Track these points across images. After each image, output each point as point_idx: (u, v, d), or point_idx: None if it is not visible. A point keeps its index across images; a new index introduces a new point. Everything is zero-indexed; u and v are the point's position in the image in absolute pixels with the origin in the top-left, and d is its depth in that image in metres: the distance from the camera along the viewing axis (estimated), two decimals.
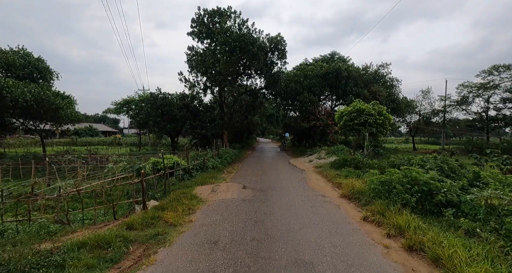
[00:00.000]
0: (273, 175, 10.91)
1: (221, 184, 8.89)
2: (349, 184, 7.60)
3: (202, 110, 17.03)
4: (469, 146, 30.79)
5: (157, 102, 16.07)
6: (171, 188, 8.12)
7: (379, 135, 11.04)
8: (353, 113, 11.30)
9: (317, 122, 19.12)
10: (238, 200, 6.80)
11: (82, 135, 57.72)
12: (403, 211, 4.87)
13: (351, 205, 6.36)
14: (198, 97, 17.10)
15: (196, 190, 7.88)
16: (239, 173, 11.62)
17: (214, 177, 10.16)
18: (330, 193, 7.69)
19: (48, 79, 21.23)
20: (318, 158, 15.54)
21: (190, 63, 20.65)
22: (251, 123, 34.16)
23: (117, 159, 15.12)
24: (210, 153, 13.67)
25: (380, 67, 21.79)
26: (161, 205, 6.20)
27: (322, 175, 10.78)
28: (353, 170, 10.08)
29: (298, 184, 9.01)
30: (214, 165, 12.25)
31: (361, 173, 9.84)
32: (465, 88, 32.49)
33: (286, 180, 9.64)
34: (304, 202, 6.54)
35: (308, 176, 10.62)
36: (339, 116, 12.14)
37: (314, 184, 8.96)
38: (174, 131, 17.36)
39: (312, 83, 20.85)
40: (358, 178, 8.84)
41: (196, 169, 10.78)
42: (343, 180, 8.58)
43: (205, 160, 11.49)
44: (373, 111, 10.83)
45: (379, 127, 10.93)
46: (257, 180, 9.73)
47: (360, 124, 11.00)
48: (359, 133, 11.35)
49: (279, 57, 18.63)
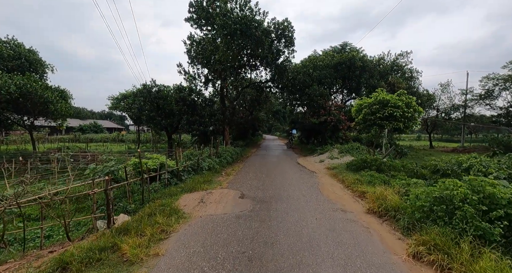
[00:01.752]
0: (279, 178, 9.21)
1: (214, 191, 7.26)
2: (377, 195, 5.83)
3: (201, 104, 15.43)
4: (494, 144, 28.27)
5: (151, 95, 14.57)
6: (152, 197, 6.55)
7: (406, 131, 9.17)
8: (375, 105, 9.43)
9: (328, 117, 17.23)
10: (231, 216, 5.14)
11: (86, 131, 57.56)
12: (481, 250, 3.10)
13: (385, 227, 4.61)
14: (196, 90, 15.49)
15: (181, 200, 6.27)
16: (239, 175, 9.97)
17: (208, 181, 8.55)
18: (351, 206, 5.94)
19: (40, 72, 20.04)
20: (330, 157, 13.73)
21: (190, 53, 19.02)
22: (256, 119, 32.46)
23: (107, 157, 13.79)
24: (207, 151, 12.07)
25: (399, 56, 19.63)
26: (127, 225, 4.62)
27: (338, 179, 9.01)
28: (377, 174, 8.27)
29: (309, 191, 7.29)
30: (211, 166, 10.64)
31: (386, 177, 8.03)
32: (490, 80, 29.69)
33: (294, 186, 7.93)
34: (319, 222, 4.83)
35: (320, 181, 8.87)
36: (357, 109, 10.27)
37: (329, 192, 7.22)
38: (171, 127, 15.86)
39: (323, 74, 18.90)
40: (385, 185, 7.04)
41: (187, 171, 9.19)
42: (366, 188, 6.80)
43: (199, 161, 9.89)
44: (400, 102, 8.93)
45: (407, 121, 9.04)
46: (258, 185, 8.06)
47: (383, 119, 9.13)
48: (382, 129, 9.50)
49: (286, 45, 16.75)
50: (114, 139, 42.46)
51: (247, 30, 12.30)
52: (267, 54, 14.46)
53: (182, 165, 8.99)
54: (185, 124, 14.76)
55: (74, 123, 62.84)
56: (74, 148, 19.41)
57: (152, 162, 8.11)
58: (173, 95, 14.88)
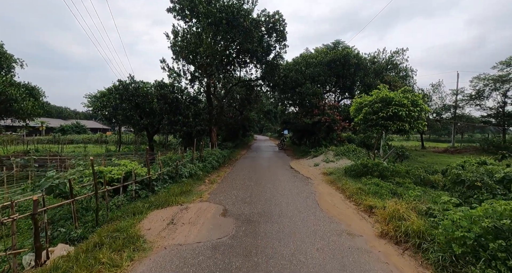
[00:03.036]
0: (269, 187, 8.01)
1: (191, 206, 5.98)
2: (389, 212, 4.73)
3: (185, 102, 14.05)
4: (485, 144, 28.20)
5: (128, 92, 13.08)
6: (111, 216, 5.20)
7: (411, 132, 8.20)
8: (377, 103, 8.40)
9: (322, 117, 16.22)
10: (206, 247, 3.89)
11: (68, 132, 54.60)
12: None
13: (409, 261, 3.48)
14: (180, 87, 14.09)
15: (145, 221, 4.96)
16: (224, 183, 8.71)
17: (186, 192, 7.25)
18: (359, 226, 4.81)
19: (5, 67, 18.03)
20: (325, 161, 12.67)
21: (174, 48, 17.61)
22: (247, 119, 31.19)
23: (76, 162, 12.22)
24: (188, 155, 10.74)
25: (394, 54, 18.90)
26: (61, 262, 3.30)
27: (337, 188, 7.91)
28: (382, 182, 7.22)
29: (305, 205, 6.13)
30: (192, 172, 9.33)
31: (393, 186, 6.99)
32: (481, 81, 29.67)
33: (287, 197, 6.75)
34: (322, 255, 3.65)
35: (317, 189, 7.74)
36: (356, 108, 9.22)
37: (329, 206, 6.08)
38: (152, 127, 14.41)
39: (316, 72, 17.88)
40: (395, 197, 5.97)
41: (163, 180, 7.84)
42: (373, 201, 5.70)
43: (178, 167, 8.56)
44: (405, 100, 7.93)
45: (413, 122, 8.05)
46: (245, 197, 6.83)
47: (387, 118, 8.11)
48: (386, 130, 8.49)
49: (277, 39, 15.61)
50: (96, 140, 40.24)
51: (234, 20, 11.06)
52: (257, 48, 13.27)
53: (156, 172, 7.64)
54: (166, 125, 13.35)
55: (55, 123, 59.63)
56: (44, 151, 17.54)
57: (117, 170, 6.74)
58: (154, 93, 13.46)
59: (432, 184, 7.88)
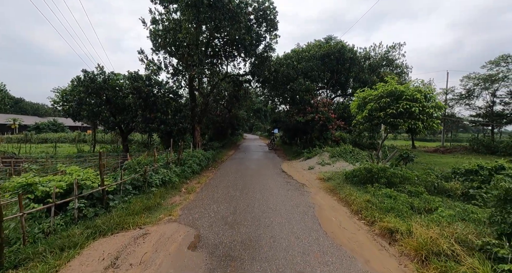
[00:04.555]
0: (258, 198, 6.59)
1: (152, 230, 4.45)
2: (422, 242, 3.43)
3: (162, 97, 12.36)
4: (475, 144, 28.06)
5: (95, 84, 11.25)
6: (28, 252, 3.58)
7: (423, 132, 7.01)
8: (385, 98, 7.13)
9: (316, 115, 14.96)
10: None
11: (44, 130, 50.93)
12: None
13: None
14: (158, 80, 12.37)
15: (76, 262, 3.40)
16: (203, 193, 7.20)
17: (152, 208, 5.70)
18: (381, 262, 3.46)
19: None
20: (320, 163, 11.39)
21: (153, 38, 15.80)
22: (236, 117, 29.61)
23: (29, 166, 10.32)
24: (163, 158, 9.12)
25: (390, 49, 17.95)
26: None
27: (339, 198, 6.59)
28: (395, 193, 5.95)
29: (303, 225, 4.74)
30: (166, 179, 7.75)
31: (409, 198, 5.74)
32: (471, 80, 29.59)
33: (280, 214, 5.34)
34: None
35: (316, 201, 6.38)
36: (359, 104, 7.93)
37: (334, 227, 4.72)
38: (126, 125, 12.64)
39: (309, 66, 16.60)
40: (415, 212, 4.70)
41: (125, 191, 6.23)
42: (392, 221, 4.39)
43: (146, 173, 6.96)
44: (418, 94, 6.71)
45: (427, 119, 6.84)
46: (228, 213, 5.36)
47: (397, 116, 6.86)
48: (394, 129, 7.27)
49: (267, 29, 14.17)
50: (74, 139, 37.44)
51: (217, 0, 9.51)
52: (245, 36, 11.76)
53: (114, 182, 6.01)
54: (140, 122, 11.62)
55: (29, 121, 55.63)
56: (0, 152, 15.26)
57: (57, 181, 5.08)
58: (127, 86, 11.70)
59: (448, 192, 6.74)
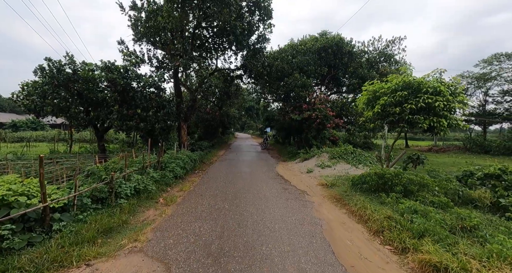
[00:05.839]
0: (252, 212, 5.36)
1: (103, 269, 3.14)
2: None
3: (142, 91, 10.90)
4: (468, 143, 27.86)
5: (62, 76, 9.72)
6: None
7: (447, 131, 5.97)
8: (401, 90, 6.03)
9: (313, 113, 13.86)
10: None
11: (22, 128, 47.77)
12: None
13: None
14: (136, 72, 10.85)
15: None
16: (185, 205, 5.91)
17: (113, 229, 4.38)
18: None
19: None
20: (320, 165, 10.28)
21: (135, 26, 14.24)
22: (227, 115, 28.20)
23: None
24: (138, 162, 7.73)
25: (390, 43, 17.06)
26: None
27: (349, 211, 5.45)
28: (422, 206, 4.86)
29: (313, 255, 3.54)
30: (140, 187, 6.39)
31: (441, 213, 4.66)
32: (465, 78, 29.39)
33: (281, 238, 4.13)
34: None
35: (322, 216, 5.22)
36: (368, 99, 6.81)
37: (352, 255, 3.56)
38: (101, 122, 11.12)
39: (305, 60, 15.47)
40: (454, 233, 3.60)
41: (81, 206, 4.86)
42: (435, 253, 3.27)
43: (113, 182, 5.58)
44: (442, 86, 5.65)
45: (451, 116, 5.80)
46: (212, 237, 4.10)
47: (416, 112, 5.78)
48: (413, 127, 6.21)
49: (261, 18, 12.90)
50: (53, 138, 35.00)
51: None
52: (236, 23, 10.45)
53: (67, 195, 4.62)
54: (116, 119, 10.13)
55: (6, 118, 52.13)
56: None
57: None
58: (100, 77, 10.17)
59: (475, 202, 5.74)
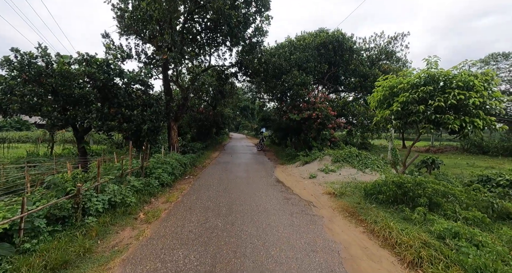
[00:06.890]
0: (251, 234, 4.37)
1: None
2: None
3: (126, 88, 9.77)
4: (466, 144, 27.56)
5: (32, 69, 8.52)
6: None
7: (479, 133, 5.12)
8: (424, 85, 5.14)
9: (313, 113, 12.95)
10: None
11: (5, 128, 45.53)
12: None
13: None
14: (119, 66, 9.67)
15: None
16: (168, 223, 4.87)
17: (69, 263, 3.32)
18: None
19: None
20: (323, 170, 9.36)
21: (121, 18, 13.08)
22: (221, 115, 27.09)
23: None
24: (116, 169, 6.65)
25: (392, 39, 16.28)
26: None
27: (367, 229, 4.52)
28: (462, 225, 3.96)
29: None
30: (116, 200, 5.32)
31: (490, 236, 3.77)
32: None
33: (290, 272, 3.16)
34: None
35: (337, 237, 4.27)
36: (384, 96, 5.90)
37: None
38: (79, 122, 9.94)
39: (304, 57, 14.56)
40: None
41: (34, 229, 3.77)
42: None
43: (79, 195, 4.51)
44: (475, 80, 4.79)
45: (486, 116, 4.94)
46: None
47: (444, 110, 4.90)
48: (439, 128, 5.34)
49: (258, 9, 11.91)
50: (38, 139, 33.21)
51: None
52: (230, 12, 9.42)
53: (16, 214, 3.53)
54: (95, 119, 8.99)
55: None
56: None
57: None
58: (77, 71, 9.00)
59: None
